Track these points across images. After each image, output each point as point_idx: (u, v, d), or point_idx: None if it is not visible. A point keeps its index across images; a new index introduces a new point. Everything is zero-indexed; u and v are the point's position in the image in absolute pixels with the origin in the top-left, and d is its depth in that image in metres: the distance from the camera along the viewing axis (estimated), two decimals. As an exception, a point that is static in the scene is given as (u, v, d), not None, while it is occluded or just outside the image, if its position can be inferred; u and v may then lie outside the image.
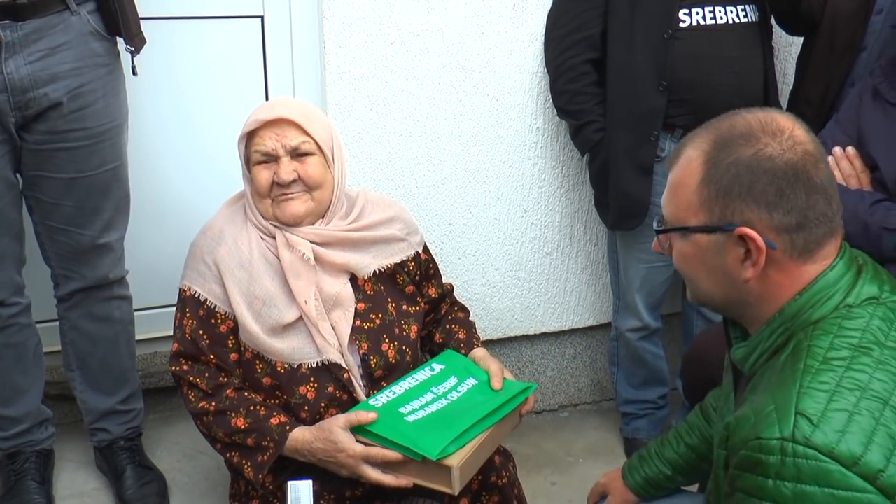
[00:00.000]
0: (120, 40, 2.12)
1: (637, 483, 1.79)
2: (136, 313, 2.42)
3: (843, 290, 1.28)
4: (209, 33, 2.50)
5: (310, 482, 1.46)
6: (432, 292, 2.11)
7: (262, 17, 2.52)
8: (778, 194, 1.25)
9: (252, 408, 1.84)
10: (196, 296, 1.89)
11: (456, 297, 2.23)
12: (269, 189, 1.86)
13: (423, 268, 2.06)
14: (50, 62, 1.98)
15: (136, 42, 2.13)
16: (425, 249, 2.09)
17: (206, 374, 1.89)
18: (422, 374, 1.89)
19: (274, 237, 1.89)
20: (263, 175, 1.85)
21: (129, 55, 2.13)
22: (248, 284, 1.85)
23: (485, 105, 2.63)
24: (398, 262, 1.99)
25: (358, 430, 1.73)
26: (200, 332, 1.88)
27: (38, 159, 2.06)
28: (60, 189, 2.10)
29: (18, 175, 2.11)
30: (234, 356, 1.90)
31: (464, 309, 2.21)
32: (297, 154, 1.85)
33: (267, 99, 2.57)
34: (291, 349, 1.85)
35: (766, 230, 1.26)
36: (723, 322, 1.48)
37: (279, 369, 1.85)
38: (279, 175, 1.83)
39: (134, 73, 2.16)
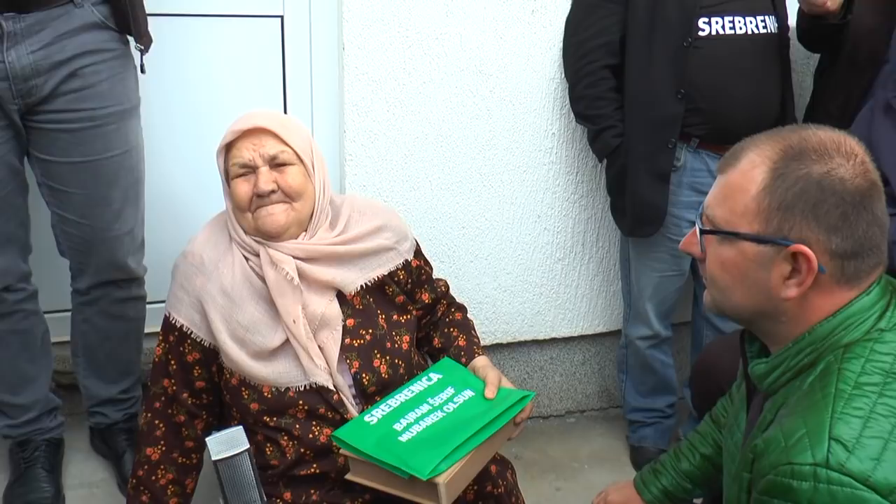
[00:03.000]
0: (130, 39, 2.13)
1: (654, 496, 1.77)
2: (150, 306, 2.43)
3: (876, 315, 1.26)
4: (229, 31, 2.51)
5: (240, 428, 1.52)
6: (425, 298, 2.04)
7: (281, 17, 2.53)
8: (842, 218, 1.22)
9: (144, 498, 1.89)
10: (173, 321, 1.87)
11: (452, 295, 2.16)
12: (250, 202, 1.81)
13: (413, 275, 2.00)
14: (52, 51, 1.98)
15: (145, 41, 2.14)
16: (417, 254, 2.02)
17: (156, 404, 1.91)
18: (418, 385, 1.85)
19: (258, 255, 1.83)
20: (243, 188, 1.81)
21: (139, 53, 2.14)
22: (231, 311, 1.81)
23: (501, 109, 2.63)
24: (386, 273, 1.93)
25: (349, 447, 1.71)
26: (170, 356, 1.88)
27: (44, 140, 2.07)
28: (66, 174, 2.11)
29: (26, 162, 2.13)
30: (200, 384, 1.89)
31: (461, 308, 2.14)
32: (275, 164, 1.80)
33: (285, 98, 2.58)
34: (277, 374, 1.80)
35: (821, 252, 1.23)
36: (739, 337, 1.46)
37: (266, 394, 1.81)
38: (258, 185, 1.78)
39: (142, 70, 2.16)
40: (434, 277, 2.10)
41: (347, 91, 2.48)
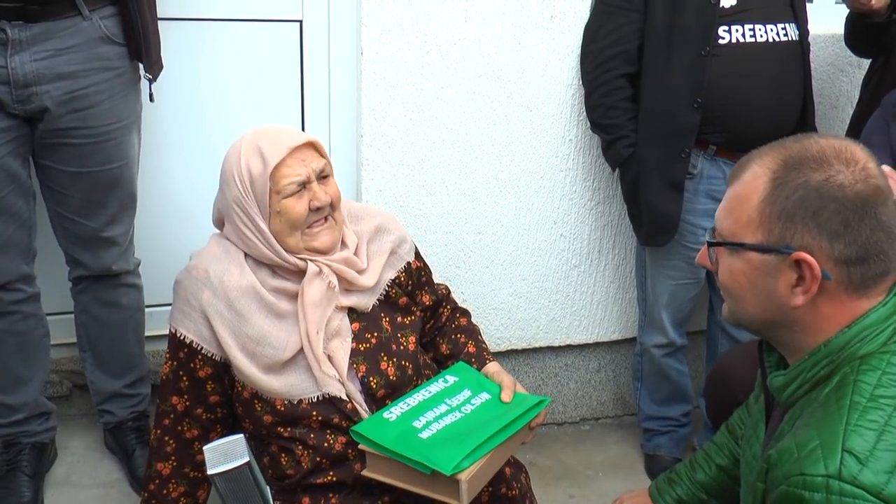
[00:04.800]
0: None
1: None
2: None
3: (894, 326, 1.25)
4: (248, 36, 2.52)
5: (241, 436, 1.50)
6: (426, 300, 2.04)
7: (300, 22, 2.54)
8: (843, 224, 1.22)
9: None
10: (182, 337, 1.82)
11: (455, 299, 2.16)
12: (305, 218, 1.79)
13: (414, 277, 1.99)
14: (55, 62, 2.01)
15: (155, 69, 2.17)
16: (417, 256, 2.02)
17: (165, 421, 1.88)
18: (435, 386, 1.87)
19: (302, 272, 1.81)
20: (300, 206, 1.78)
21: (147, 82, 2.17)
22: (239, 324, 1.79)
23: (519, 115, 2.63)
24: (393, 277, 1.94)
25: (371, 444, 1.72)
26: (180, 373, 1.85)
27: (46, 151, 2.11)
28: (66, 180, 2.15)
29: (31, 162, 2.14)
30: (214, 398, 1.86)
31: (465, 313, 2.14)
32: (321, 177, 1.81)
33: (303, 103, 2.59)
34: (290, 386, 1.79)
35: (824, 259, 1.23)
36: (757, 349, 1.46)
37: (279, 407, 1.79)
38: (318, 199, 1.78)
39: (151, 99, 2.19)
40: (435, 282, 2.10)
41: (365, 96, 2.49)
